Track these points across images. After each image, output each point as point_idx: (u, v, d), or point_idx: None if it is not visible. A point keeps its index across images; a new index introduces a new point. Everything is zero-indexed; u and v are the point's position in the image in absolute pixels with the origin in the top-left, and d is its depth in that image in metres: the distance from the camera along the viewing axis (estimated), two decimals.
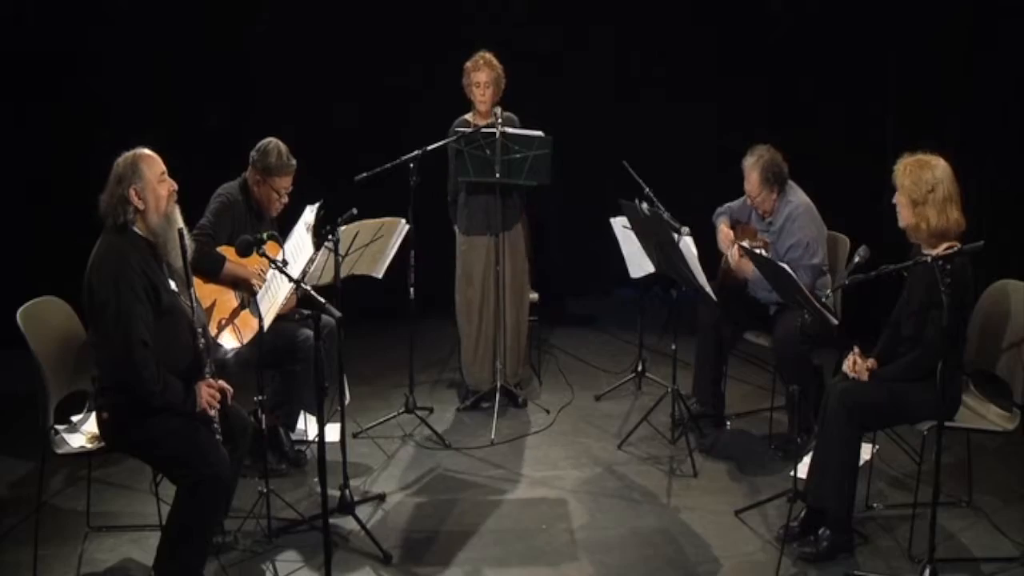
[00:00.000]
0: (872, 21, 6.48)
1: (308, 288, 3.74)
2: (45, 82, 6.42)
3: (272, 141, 4.82)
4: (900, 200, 4.04)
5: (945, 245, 3.96)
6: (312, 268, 4.46)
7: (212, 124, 6.61)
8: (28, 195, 6.46)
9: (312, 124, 6.56)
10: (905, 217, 4.04)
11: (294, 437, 5.02)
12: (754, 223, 5.24)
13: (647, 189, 5.13)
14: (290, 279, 3.86)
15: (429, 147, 5.23)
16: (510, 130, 5.28)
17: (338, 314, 3.62)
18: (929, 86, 6.27)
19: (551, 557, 4.23)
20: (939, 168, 3.99)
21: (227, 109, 6.67)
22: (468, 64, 5.47)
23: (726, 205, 5.36)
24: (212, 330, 4.29)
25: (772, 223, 5.10)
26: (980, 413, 4.25)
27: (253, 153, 4.81)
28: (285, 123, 5.39)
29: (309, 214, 4.57)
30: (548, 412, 5.67)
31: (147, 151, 3.81)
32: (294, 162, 4.82)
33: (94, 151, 4.20)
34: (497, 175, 5.27)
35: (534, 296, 5.92)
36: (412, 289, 5.35)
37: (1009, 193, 6.03)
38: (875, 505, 4.53)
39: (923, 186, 3.96)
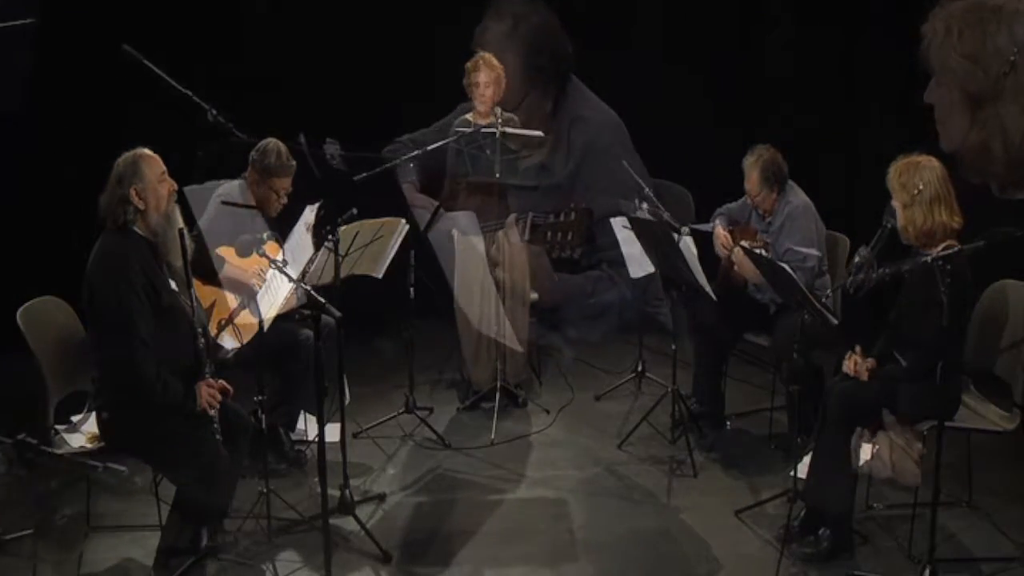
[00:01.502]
0: (874, 19, 6.48)
1: (308, 288, 3.74)
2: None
3: (272, 141, 4.82)
4: (895, 202, 4.05)
5: (944, 245, 3.96)
6: (312, 268, 4.46)
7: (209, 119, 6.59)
8: (27, 195, 6.44)
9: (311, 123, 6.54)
10: (898, 219, 4.05)
11: (294, 437, 5.01)
12: (754, 223, 5.24)
13: (646, 189, 5.13)
14: (290, 279, 3.86)
15: (429, 147, 5.23)
16: (510, 130, 5.28)
17: (338, 314, 3.62)
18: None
19: (551, 557, 4.23)
20: (927, 169, 3.98)
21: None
22: (468, 64, 5.48)
23: (724, 206, 5.35)
24: (212, 330, 4.29)
25: (771, 223, 5.10)
26: (980, 413, 4.25)
27: (253, 153, 4.81)
28: (283, 120, 5.37)
29: (309, 214, 4.57)
30: (548, 412, 5.67)
31: (147, 151, 3.83)
32: (293, 163, 4.82)
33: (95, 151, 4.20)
34: (497, 175, 5.27)
35: (534, 296, 5.91)
36: (412, 289, 5.35)
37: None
38: (875, 505, 4.53)
39: (910, 188, 3.96)
